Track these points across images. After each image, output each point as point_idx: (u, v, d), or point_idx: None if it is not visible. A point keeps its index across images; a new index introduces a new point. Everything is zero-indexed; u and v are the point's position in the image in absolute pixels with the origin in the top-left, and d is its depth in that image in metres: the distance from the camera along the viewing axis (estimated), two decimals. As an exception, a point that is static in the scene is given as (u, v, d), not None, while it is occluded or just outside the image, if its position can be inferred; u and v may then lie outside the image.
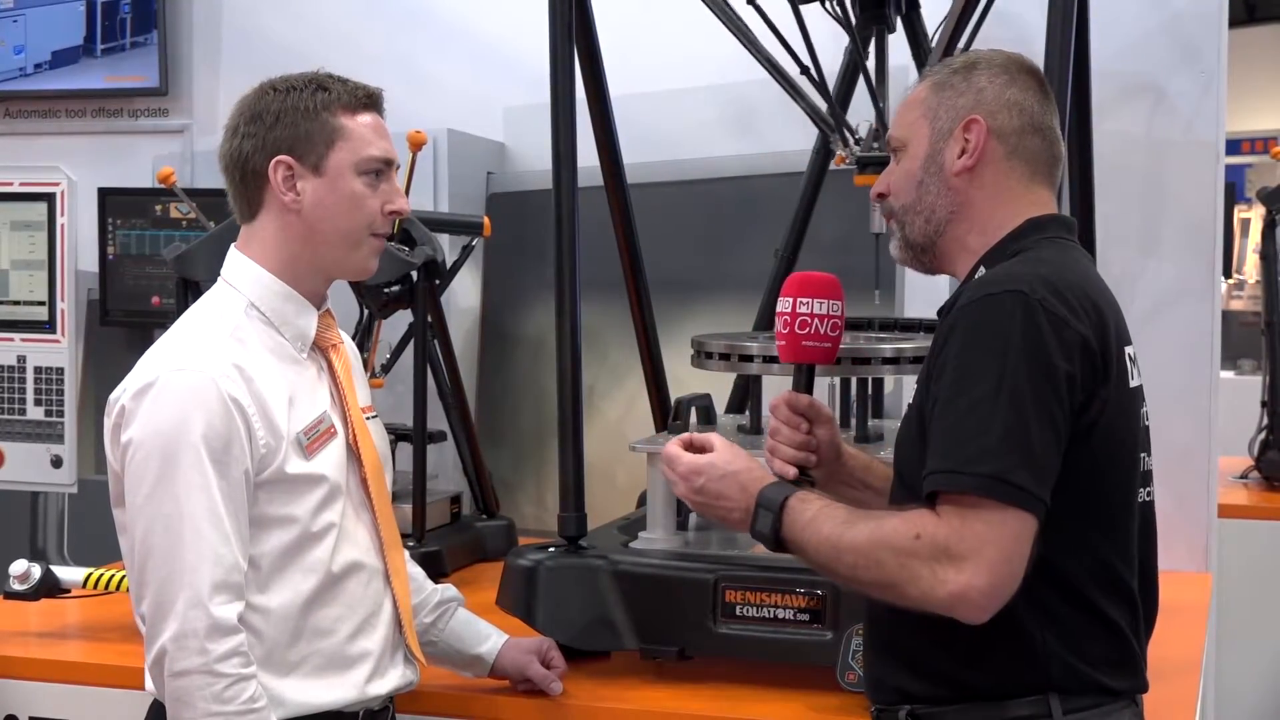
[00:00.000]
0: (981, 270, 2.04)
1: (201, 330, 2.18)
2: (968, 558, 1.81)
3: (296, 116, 2.17)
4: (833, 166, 3.00)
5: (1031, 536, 1.83)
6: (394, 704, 2.35)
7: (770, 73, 2.94)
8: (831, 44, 3.02)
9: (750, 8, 2.97)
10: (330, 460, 2.20)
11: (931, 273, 2.16)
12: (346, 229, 2.21)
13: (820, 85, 2.93)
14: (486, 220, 3.65)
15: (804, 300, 2.16)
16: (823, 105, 2.97)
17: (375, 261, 2.28)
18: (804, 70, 2.93)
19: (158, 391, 2.08)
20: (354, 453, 2.25)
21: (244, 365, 2.12)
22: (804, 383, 2.20)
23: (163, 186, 4.10)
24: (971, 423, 1.84)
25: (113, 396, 2.14)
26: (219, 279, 2.26)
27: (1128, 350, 2.01)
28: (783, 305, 2.18)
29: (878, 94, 2.93)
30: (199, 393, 2.07)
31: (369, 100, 2.23)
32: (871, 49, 3.01)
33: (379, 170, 2.22)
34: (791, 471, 2.14)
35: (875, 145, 2.86)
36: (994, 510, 1.82)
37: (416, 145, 3.37)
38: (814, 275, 2.19)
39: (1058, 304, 1.88)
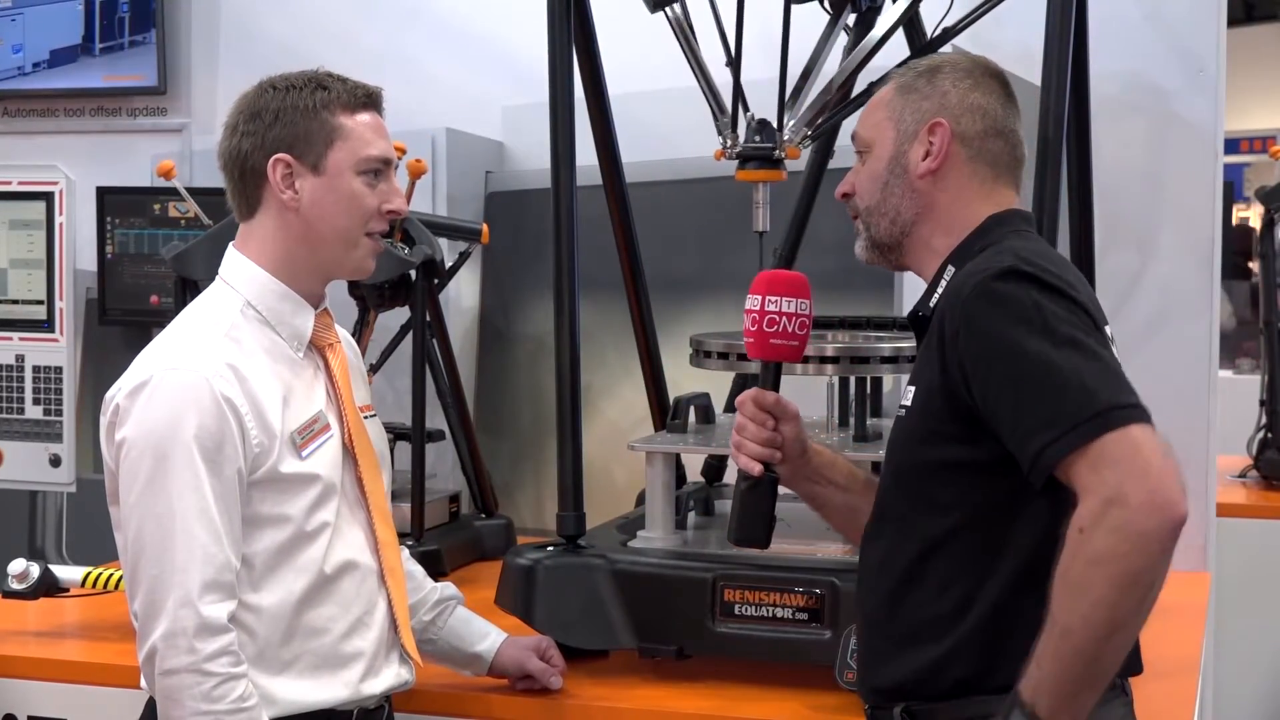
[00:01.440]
0: (950, 269, 2.06)
1: (196, 329, 2.18)
2: (1121, 488, 1.76)
3: (296, 115, 2.18)
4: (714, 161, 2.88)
5: (1155, 435, 1.80)
6: (391, 704, 2.35)
7: (683, 47, 2.87)
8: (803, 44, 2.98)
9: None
10: (324, 459, 2.20)
11: (898, 270, 2.21)
12: (344, 228, 2.21)
13: (735, 71, 2.81)
14: (485, 228, 3.64)
15: (772, 298, 2.18)
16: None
17: (373, 261, 2.28)
18: (729, 62, 2.82)
19: (152, 390, 2.09)
20: (349, 452, 2.25)
21: (238, 364, 2.13)
22: (771, 380, 2.21)
23: (162, 185, 4.10)
24: (1051, 382, 1.83)
25: (108, 395, 2.15)
26: (217, 278, 2.26)
27: (1107, 329, 2.03)
28: (751, 303, 2.19)
29: (786, 87, 2.78)
30: (192, 392, 2.08)
31: (368, 99, 2.24)
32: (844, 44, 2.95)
33: (378, 170, 2.23)
34: (757, 468, 2.16)
35: (757, 138, 2.74)
36: (1112, 438, 1.78)
37: (416, 174, 3.37)
38: (782, 273, 2.21)
39: (1048, 271, 1.92)
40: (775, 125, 2.74)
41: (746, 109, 2.79)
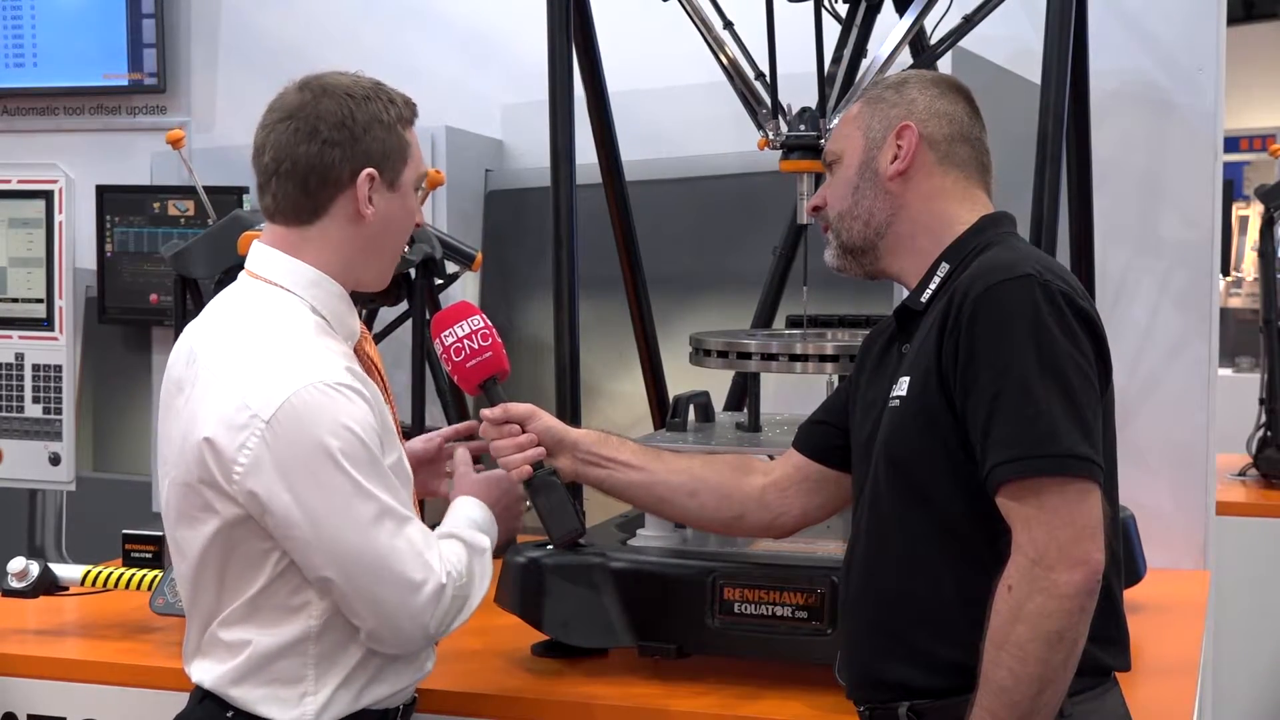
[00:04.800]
0: (945, 266, 2.08)
1: (296, 337, 2.09)
2: (1046, 550, 1.85)
3: (381, 130, 2.13)
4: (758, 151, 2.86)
5: (1099, 501, 1.89)
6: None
7: (704, 37, 2.87)
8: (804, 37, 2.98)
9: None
10: (403, 454, 2.21)
11: (871, 277, 2.21)
12: (402, 243, 2.23)
13: (764, 73, 2.84)
14: (479, 256, 3.55)
15: (446, 334, 2.31)
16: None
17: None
18: (759, 75, 2.85)
19: (304, 405, 2.01)
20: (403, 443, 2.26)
21: (351, 366, 2.10)
22: (490, 398, 2.34)
23: (161, 184, 4.11)
24: (1028, 408, 1.88)
25: (236, 422, 2.01)
26: (258, 281, 2.16)
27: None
28: (437, 348, 2.32)
29: (825, 77, 2.75)
30: (345, 396, 2.03)
31: (416, 112, 2.23)
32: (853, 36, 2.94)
33: (422, 185, 2.25)
34: (527, 471, 2.30)
35: (802, 127, 2.71)
36: (1063, 488, 1.87)
37: (435, 185, 3.36)
38: (443, 310, 2.35)
39: (1063, 284, 1.95)
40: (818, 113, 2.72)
41: (785, 113, 2.78)
